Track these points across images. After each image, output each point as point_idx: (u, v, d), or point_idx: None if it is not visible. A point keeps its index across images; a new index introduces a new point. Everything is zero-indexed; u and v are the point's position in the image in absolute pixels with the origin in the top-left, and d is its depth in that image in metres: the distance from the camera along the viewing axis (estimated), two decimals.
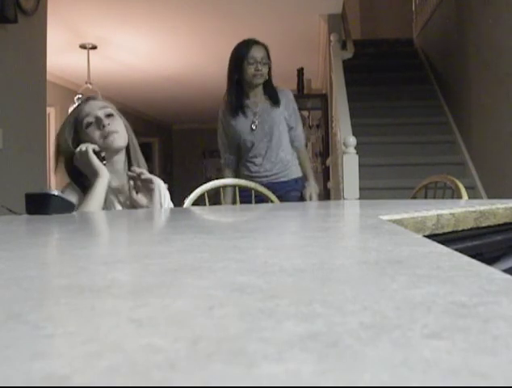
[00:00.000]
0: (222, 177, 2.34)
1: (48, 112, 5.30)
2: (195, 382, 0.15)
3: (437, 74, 5.25)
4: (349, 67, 4.54)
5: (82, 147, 1.40)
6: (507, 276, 0.28)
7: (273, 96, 2.40)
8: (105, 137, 1.41)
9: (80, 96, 5.60)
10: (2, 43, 2.82)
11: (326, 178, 5.86)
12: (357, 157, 3.17)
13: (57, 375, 0.15)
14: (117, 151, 1.45)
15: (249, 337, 0.19)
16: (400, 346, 0.17)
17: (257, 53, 2.40)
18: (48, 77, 3.46)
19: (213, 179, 2.18)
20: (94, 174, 1.38)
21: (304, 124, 6.12)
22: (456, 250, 0.42)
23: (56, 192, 1.14)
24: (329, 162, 5.50)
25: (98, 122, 1.42)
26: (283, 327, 0.20)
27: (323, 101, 5.99)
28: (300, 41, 5.59)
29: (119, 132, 1.44)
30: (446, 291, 0.25)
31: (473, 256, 0.37)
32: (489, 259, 0.93)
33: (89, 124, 1.42)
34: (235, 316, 0.22)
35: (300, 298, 0.24)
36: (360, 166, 3.10)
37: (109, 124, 1.42)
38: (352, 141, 3.23)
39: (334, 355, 0.16)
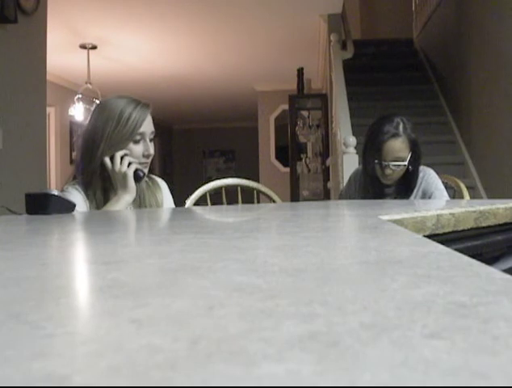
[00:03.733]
0: (222, 177, 2.34)
1: (48, 112, 5.31)
2: (195, 382, 0.15)
3: (437, 74, 5.25)
4: (349, 67, 4.54)
5: (127, 158, 1.38)
6: (507, 276, 0.28)
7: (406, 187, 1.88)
8: (141, 163, 1.43)
9: (80, 96, 5.60)
10: (2, 43, 2.82)
11: (326, 178, 5.86)
12: (357, 157, 3.17)
13: (57, 375, 0.15)
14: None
15: (249, 337, 0.19)
16: (400, 346, 0.17)
17: (391, 153, 1.81)
18: (48, 77, 3.46)
19: (213, 179, 2.18)
20: (124, 188, 1.38)
21: (304, 124, 6.14)
22: (456, 250, 0.42)
23: (56, 192, 1.14)
24: (329, 162, 5.50)
25: (146, 147, 1.42)
26: (283, 327, 0.20)
27: (323, 101, 5.99)
28: (300, 41, 5.59)
29: (149, 162, 1.47)
30: (446, 291, 0.25)
31: (473, 256, 0.37)
32: (489, 259, 0.93)
33: (138, 141, 1.41)
34: (235, 316, 0.22)
35: (300, 298, 0.24)
36: (360, 164, 3.10)
37: (152, 154, 1.44)
38: (352, 141, 3.23)
39: (334, 355, 0.16)
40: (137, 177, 1.41)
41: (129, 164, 1.40)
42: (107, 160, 1.38)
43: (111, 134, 1.38)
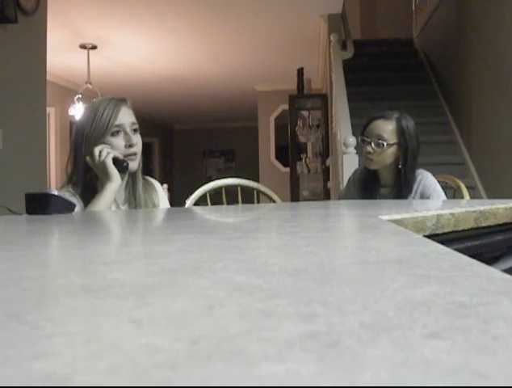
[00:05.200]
0: (222, 177, 2.34)
1: (48, 112, 5.31)
2: (195, 382, 0.15)
3: (437, 74, 5.25)
4: (349, 67, 4.54)
5: (105, 149, 1.39)
6: (507, 276, 0.28)
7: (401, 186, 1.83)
8: (126, 155, 1.43)
9: (80, 96, 5.60)
10: (2, 43, 2.82)
11: (326, 178, 5.86)
12: (357, 157, 3.17)
13: (57, 375, 0.15)
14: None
15: (249, 337, 0.19)
16: (400, 346, 0.17)
17: (374, 130, 1.83)
18: (48, 77, 3.46)
19: (213, 179, 2.18)
20: (107, 177, 1.38)
21: (304, 124, 6.14)
22: (456, 250, 0.42)
23: (56, 192, 1.14)
24: (329, 162, 5.50)
25: (127, 138, 1.43)
26: (283, 327, 0.20)
27: (323, 101, 5.99)
28: (300, 41, 5.59)
29: (138, 155, 1.46)
30: (446, 291, 0.25)
31: (473, 256, 0.37)
32: (489, 259, 0.93)
33: (116, 133, 1.42)
34: (235, 316, 0.22)
35: (300, 298, 0.24)
36: (360, 165, 3.10)
37: (136, 144, 1.44)
38: (352, 141, 3.23)
39: (334, 355, 0.16)
40: (120, 166, 1.40)
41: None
42: (88, 158, 1.41)
43: (90, 133, 1.41)
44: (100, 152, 1.39)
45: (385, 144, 1.79)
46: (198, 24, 4.99)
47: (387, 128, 1.81)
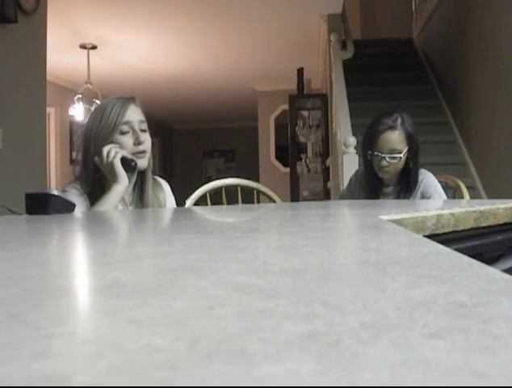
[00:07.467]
0: (222, 177, 2.34)
1: (48, 112, 5.31)
2: (195, 382, 0.15)
3: (437, 74, 5.25)
4: (349, 67, 4.54)
5: (113, 149, 1.38)
6: (507, 276, 0.28)
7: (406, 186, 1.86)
8: (135, 153, 1.42)
9: (80, 96, 5.60)
10: (2, 43, 2.82)
11: (326, 178, 5.86)
12: (357, 157, 3.17)
13: (57, 375, 0.15)
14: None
15: (249, 337, 0.19)
16: (400, 346, 0.17)
17: (386, 144, 1.82)
18: (48, 77, 3.46)
19: (213, 179, 2.18)
20: (114, 178, 1.38)
21: (304, 124, 6.15)
22: (456, 250, 0.42)
23: (56, 192, 1.14)
24: (329, 162, 5.51)
25: (135, 136, 1.42)
26: (283, 327, 0.20)
27: (323, 101, 6.00)
28: (300, 41, 5.59)
29: (147, 153, 1.45)
30: (446, 291, 0.25)
31: (473, 256, 0.37)
32: (489, 259, 0.93)
33: (124, 132, 1.41)
34: (235, 316, 0.22)
35: (300, 298, 0.24)
36: (360, 166, 3.10)
37: (144, 142, 1.43)
38: (352, 141, 3.23)
39: (334, 355, 0.16)
40: (128, 166, 1.40)
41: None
42: (96, 158, 1.40)
43: (98, 132, 1.40)
44: (108, 152, 1.38)
45: (401, 156, 1.81)
46: (198, 24, 4.99)
47: (397, 139, 1.81)
